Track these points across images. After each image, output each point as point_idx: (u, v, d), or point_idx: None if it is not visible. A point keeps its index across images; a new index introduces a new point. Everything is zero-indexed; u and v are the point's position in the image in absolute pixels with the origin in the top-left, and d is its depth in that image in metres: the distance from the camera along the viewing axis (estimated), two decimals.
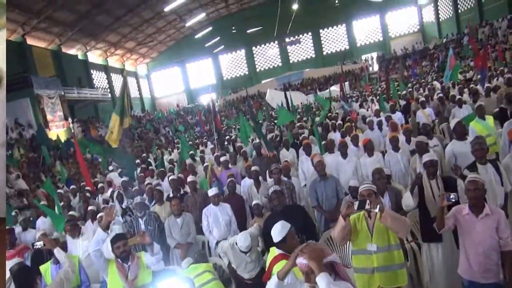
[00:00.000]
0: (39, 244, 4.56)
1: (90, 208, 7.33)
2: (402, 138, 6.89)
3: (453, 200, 3.30)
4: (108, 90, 33.71)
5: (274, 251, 3.44)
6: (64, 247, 5.48)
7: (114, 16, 28.83)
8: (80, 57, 30.49)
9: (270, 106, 19.89)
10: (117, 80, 35.98)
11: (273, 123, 14.15)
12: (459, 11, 32.28)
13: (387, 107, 11.21)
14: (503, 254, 3.23)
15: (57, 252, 4.44)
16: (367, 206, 3.25)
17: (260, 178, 6.62)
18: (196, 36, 38.45)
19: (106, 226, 3.82)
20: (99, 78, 33.04)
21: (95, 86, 31.57)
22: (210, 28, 38.14)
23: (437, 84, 15.76)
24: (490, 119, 6.41)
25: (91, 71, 31.76)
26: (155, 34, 36.14)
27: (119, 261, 3.81)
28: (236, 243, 4.40)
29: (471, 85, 12.12)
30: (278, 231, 3.29)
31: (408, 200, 4.07)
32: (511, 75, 10.79)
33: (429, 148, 5.65)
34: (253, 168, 6.57)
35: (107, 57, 34.22)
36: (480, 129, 6.09)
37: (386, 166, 6.12)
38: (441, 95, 10.60)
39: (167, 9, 28.42)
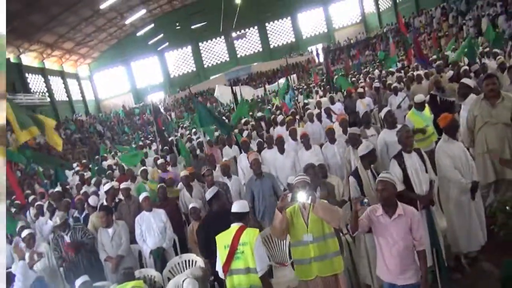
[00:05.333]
0: None
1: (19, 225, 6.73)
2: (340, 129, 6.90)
3: (366, 205, 3.20)
4: (47, 94, 31.80)
5: (233, 228, 3.58)
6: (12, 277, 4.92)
7: (48, 15, 26.97)
8: (12, 60, 28.39)
9: (220, 101, 19.62)
10: (56, 83, 34.05)
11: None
12: (397, 1, 33.48)
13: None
14: (417, 254, 3.20)
15: None
16: (299, 198, 3.28)
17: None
18: (138, 34, 37.14)
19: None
20: (35, 81, 31.03)
21: (32, 90, 29.62)
22: (152, 25, 36.99)
23: (376, 73, 16.16)
24: (426, 110, 6.31)
25: (26, 74, 29.75)
26: (95, 33, 34.46)
27: None
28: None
29: (410, 72, 12.45)
30: (244, 204, 3.73)
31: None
32: (441, 62, 11.28)
33: (365, 138, 5.69)
34: (182, 173, 6.31)
35: (43, 59, 32.18)
36: (417, 120, 6.04)
37: (324, 159, 6.12)
38: (377, 84, 10.80)
39: (103, 6, 27.01)
